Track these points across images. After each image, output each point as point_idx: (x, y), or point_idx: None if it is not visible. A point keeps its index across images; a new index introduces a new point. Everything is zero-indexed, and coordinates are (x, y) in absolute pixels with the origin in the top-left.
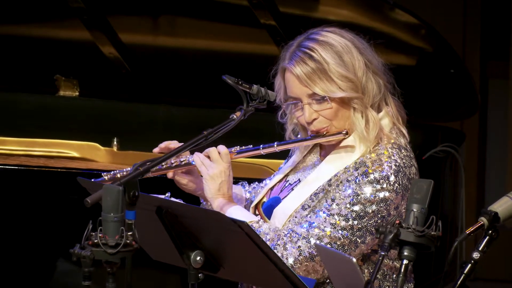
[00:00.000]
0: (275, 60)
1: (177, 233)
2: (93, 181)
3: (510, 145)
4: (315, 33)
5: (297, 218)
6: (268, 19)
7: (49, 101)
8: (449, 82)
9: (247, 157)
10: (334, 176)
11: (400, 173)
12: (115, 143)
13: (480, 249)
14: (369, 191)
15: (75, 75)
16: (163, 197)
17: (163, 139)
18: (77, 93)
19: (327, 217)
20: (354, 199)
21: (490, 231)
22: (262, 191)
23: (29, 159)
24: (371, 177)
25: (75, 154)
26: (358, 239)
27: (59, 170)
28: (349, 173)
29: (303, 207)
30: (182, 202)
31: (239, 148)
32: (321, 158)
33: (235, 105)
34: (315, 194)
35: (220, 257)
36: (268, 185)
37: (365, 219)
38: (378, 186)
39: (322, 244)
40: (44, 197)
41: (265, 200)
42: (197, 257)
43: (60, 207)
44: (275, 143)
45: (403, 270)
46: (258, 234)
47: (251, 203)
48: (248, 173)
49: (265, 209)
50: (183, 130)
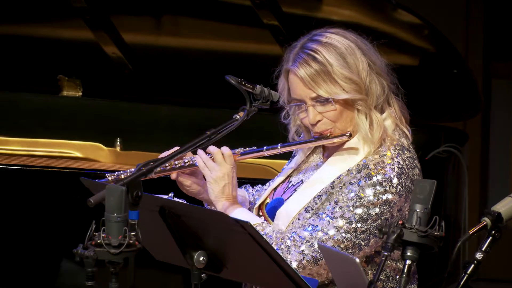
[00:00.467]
0: (278, 60)
1: (180, 233)
2: (96, 182)
3: None
4: (318, 35)
5: (300, 220)
6: (271, 19)
7: (52, 101)
8: (452, 82)
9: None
10: (337, 178)
11: (403, 175)
12: (118, 143)
13: (483, 249)
14: (372, 193)
15: (78, 75)
16: (166, 197)
17: (166, 139)
18: (80, 93)
19: (330, 220)
20: (357, 202)
21: (493, 232)
22: (265, 192)
23: (32, 159)
24: (374, 179)
25: (78, 154)
26: (362, 242)
27: (62, 170)
28: (352, 175)
29: (306, 210)
30: (185, 202)
31: (242, 149)
32: (324, 159)
33: (238, 105)
34: (318, 196)
35: (223, 257)
36: (271, 185)
37: (368, 222)
38: (381, 188)
39: (325, 244)
40: (47, 197)
41: (268, 201)
42: (200, 257)
43: (63, 207)
44: (279, 145)
45: (406, 270)
46: (261, 234)
47: (255, 205)
48: (251, 174)
49: (268, 210)
50: (186, 130)
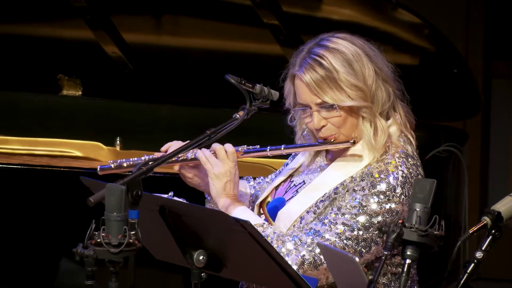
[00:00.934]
0: (278, 59)
1: (180, 233)
2: (96, 181)
3: None
4: (326, 39)
5: (301, 223)
6: (271, 18)
7: (52, 100)
8: (452, 82)
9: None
10: (340, 184)
11: (406, 184)
12: (118, 142)
13: (483, 248)
14: (375, 202)
15: (78, 74)
16: (166, 196)
17: (166, 138)
18: (80, 93)
19: (332, 226)
20: (360, 210)
21: (493, 231)
22: (266, 190)
23: (32, 159)
24: (378, 188)
25: (78, 153)
26: (363, 249)
27: (62, 169)
28: (355, 182)
29: (308, 213)
30: (185, 201)
31: (246, 147)
32: (328, 161)
33: (238, 105)
34: (321, 201)
35: (223, 256)
36: (272, 184)
37: (370, 230)
38: (384, 198)
39: (324, 242)
40: (47, 196)
41: (269, 199)
42: (200, 257)
43: (63, 207)
44: (282, 146)
45: (405, 269)
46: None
47: (256, 199)
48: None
49: (269, 209)
50: (186, 129)
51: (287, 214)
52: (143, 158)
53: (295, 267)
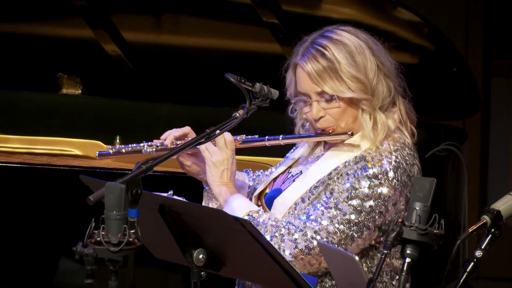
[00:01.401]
0: (277, 58)
1: (180, 231)
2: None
3: None
4: (330, 31)
5: (296, 210)
6: (270, 17)
7: (52, 99)
8: (452, 80)
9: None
10: (334, 169)
11: (399, 169)
12: (118, 141)
13: (482, 247)
14: (367, 186)
15: (77, 73)
16: (165, 195)
17: None
18: (80, 91)
19: (324, 210)
20: (352, 194)
21: (492, 230)
22: (264, 181)
23: (32, 157)
24: (370, 172)
25: (78, 152)
26: (355, 234)
27: (62, 168)
28: (349, 166)
29: (302, 200)
30: (184, 200)
31: (244, 137)
32: (325, 151)
33: (238, 103)
34: (315, 187)
35: (222, 255)
36: (270, 176)
37: (362, 214)
38: (376, 181)
39: (324, 242)
40: (46, 195)
41: (267, 191)
42: (199, 255)
43: (62, 205)
44: (280, 136)
45: (405, 268)
46: (259, 231)
47: (254, 191)
48: None
49: (267, 200)
50: None
51: (282, 202)
52: (141, 144)
53: (288, 252)
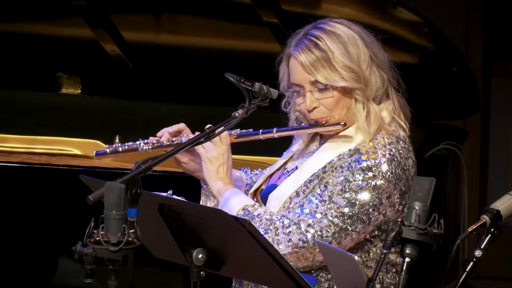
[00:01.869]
0: (277, 58)
1: (179, 231)
2: (95, 179)
3: None
4: (323, 23)
5: (291, 204)
6: (270, 17)
7: (51, 98)
8: (452, 80)
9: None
10: (328, 163)
11: (394, 162)
12: (117, 140)
13: (482, 247)
14: (361, 178)
15: (77, 72)
16: (165, 194)
17: None
18: (79, 91)
19: (318, 203)
20: (345, 186)
21: (492, 229)
22: (260, 178)
23: (31, 157)
24: (364, 164)
25: (77, 151)
26: (349, 227)
27: (61, 167)
28: (343, 160)
29: (297, 194)
30: (184, 200)
31: (239, 131)
32: (320, 146)
33: (238, 103)
34: (309, 180)
35: (222, 255)
36: (266, 172)
37: (356, 207)
38: (370, 173)
39: (321, 240)
40: (46, 194)
41: (263, 187)
42: (199, 255)
43: (62, 205)
44: (274, 129)
45: (405, 268)
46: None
47: (250, 190)
48: None
49: (262, 195)
50: None
51: (277, 196)
52: (137, 142)
53: (282, 245)
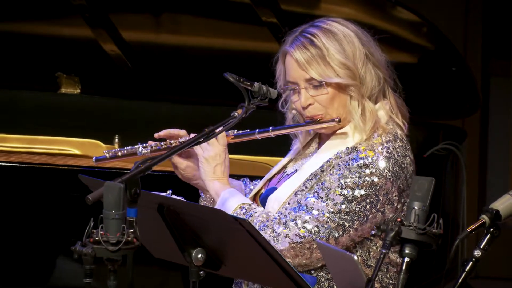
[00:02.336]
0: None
1: (179, 231)
2: (94, 179)
3: (511, 143)
4: (320, 21)
5: (290, 204)
6: (269, 16)
7: (51, 98)
8: (451, 80)
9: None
10: (326, 162)
11: (391, 160)
12: (117, 140)
13: (481, 247)
14: (358, 175)
15: (76, 72)
16: (164, 194)
17: None
18: (79, 91)
19: (315, 200)
20: (342, 183)
21: (491, 229)
22: (260, 182)
23: (31, 157)
24: (361, 162)
25: (77, 151)
26: (346, 223)
27: (61, 167)
28: (341, 158)
29: (296, 194)
30: (183, 199)
31: (236, 131)
32: (318, 148)
33: (237, 103)
34: (308, 180)
35: (221, 254)
36: (265, 176)
37: (353, 204)
38: (367, 170)
39: (323, 242)
40: (45, 194)
41: (262, 191)
42: (198, 255)
43: (61, 205)
44: (270, 128)
45: (404, 268)
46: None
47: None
48: (250, 171)
49: (262, 199)
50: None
51: (276, 197)
52: (136, 146)
53: (279, 242)
